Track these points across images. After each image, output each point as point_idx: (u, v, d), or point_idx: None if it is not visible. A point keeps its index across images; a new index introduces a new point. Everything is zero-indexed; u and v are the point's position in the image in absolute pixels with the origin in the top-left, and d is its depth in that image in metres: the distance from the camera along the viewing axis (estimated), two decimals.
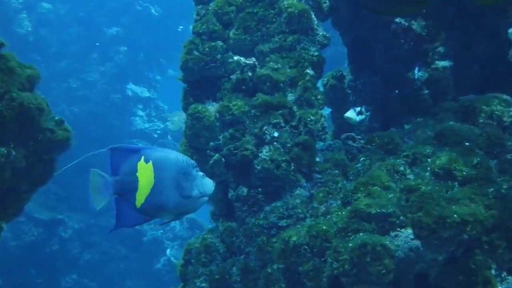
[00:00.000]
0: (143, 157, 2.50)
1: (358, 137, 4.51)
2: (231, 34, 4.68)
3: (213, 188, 2.65)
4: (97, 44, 14.19)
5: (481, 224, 3.25)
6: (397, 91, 5.01)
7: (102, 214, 12.47)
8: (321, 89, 5.34)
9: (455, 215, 3.24)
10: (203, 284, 4.22)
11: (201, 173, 2.62)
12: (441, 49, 4.79)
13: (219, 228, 4.38)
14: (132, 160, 2.50)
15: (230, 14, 4.71)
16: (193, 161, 2.61)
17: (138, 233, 12.80)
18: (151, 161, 2.50)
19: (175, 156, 2.59)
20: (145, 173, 2.48)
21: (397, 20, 4.78)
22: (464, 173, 3.59)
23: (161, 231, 13.09)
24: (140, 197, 2.48)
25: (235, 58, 4.56)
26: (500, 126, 4.08)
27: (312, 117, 4.32)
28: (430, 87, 4.83)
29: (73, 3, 14.40)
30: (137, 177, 2.48)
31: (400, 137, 4.32)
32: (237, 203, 4.27)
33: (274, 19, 4.66)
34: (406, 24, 4.77)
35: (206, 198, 2.65)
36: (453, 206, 3.31)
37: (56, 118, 3.86)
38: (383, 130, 4.76)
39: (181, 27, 16.63)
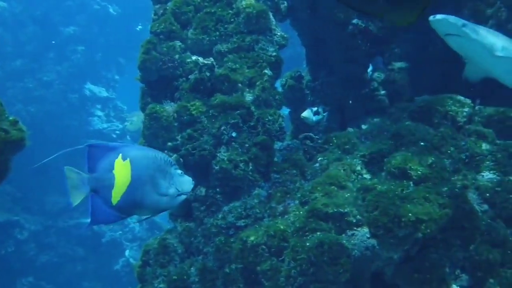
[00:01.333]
0: (120, 154, 2.51)
1: (316, 137, 4.55)
2: (189, 34, 4.67)
3: (191, 186, 2.68)
4: (53, 42, 13.97)
5: (435, 223, 3.31)
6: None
7: (60, 215, 12.31)
8: (280, 89, 5.36)
9: (410, 214, 3.29)
10: (161, 285, 4.19)
11: (179, 171, 2.65)
12: (397, 50, 4.86)
13: (178, 229, 4.36)
14: (110, 158, 2.52)
15: (188, 14, 4.69)
16: (171, 159, 2.64)
17: (96, 234, 12.67)
18: (128, 159, 2.51)
19: (153, 154, 2.61)
20: (122, 171, 2.50)
21: (354, 21, 4.83)
22: (419, 172, 3.64)
23: (120, 232, 12.97)
24: (116, 195, 2.50)
25: (193, 58, 4.54)
26: (455, 126, 4.16)
27: (270, 117, 4.33)
28: (387, 88, 4.90)
29: (29, 1, 14.15)
30: (113, 174, 2.49)
31: (357, 137, 4.36)
32: (195, 203, 4.25)
33: (232, 19, 4.66)
34: (363, 25, 4.82)
35: (184, 196, 2.68)
36: (408, 205, 3.36)
37: (11, 118, 3.78)
38: (341, 130, 4.81)
39: (139, 26, 16.52)
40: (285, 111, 5.58)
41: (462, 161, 3.92)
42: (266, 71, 4.52)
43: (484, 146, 4.01)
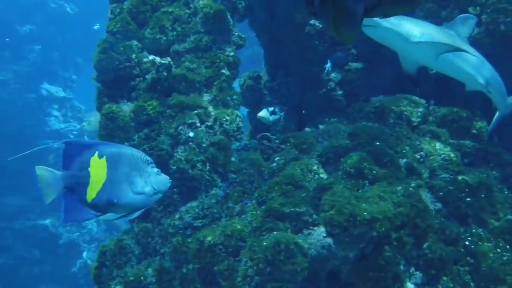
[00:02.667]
0: (97, 152, 2.51)
1: (273, 137, 4.56)
2: (146, 33, 4.64)
3: (168, 184, 2.70)
4: (7, 39, 13.73)
5: (389, 221, 3.34)
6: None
7: (16, 217, 12.11)
8: (238, 89, 5.37)
9: (365, 213, 3.31)
10: (118, 286, 4.15)
11: (156, 170, 2.66)
12: (353, 51, 4.90)
13: (134, 229, 4.33)
14: (86, 155, 2.51)
15: (145, 13, 4.67)
16: (148, 158, 2.64)
17: (54, 236, 12.49)
18: (104, 157, 2.51)
19: (130, 152, 2.61)
20: (97, 168, 2.50)
21: (312, 22, 4.85)
22: (374, 172, 3.68)
23: (77, 233, 12.81)
24: (92, 192, 2.50)
25: (150, 57, 4.52)
26: (409, 126, 4.21)
27: (227, 117, 4.34)
28: (344, 88, 4.93)
29: None
30: (89, 172, 2.49)
31: (314, 137, 4.39)
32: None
33: (189, 19, 4.65)
34: (320, 26, 4.85)
35: (160, 195, 2.68)
36: (363, 204, 3.38)
37: None
38: (299, 130, 4.83)
39: (97, 25, 16.38)
40: (243, 111, 5.59)
41: (416, 160, 3.97)
42: (223, 71, 4.52)
43: (438, 145, 4.07)
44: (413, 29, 3.95)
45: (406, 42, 3.95)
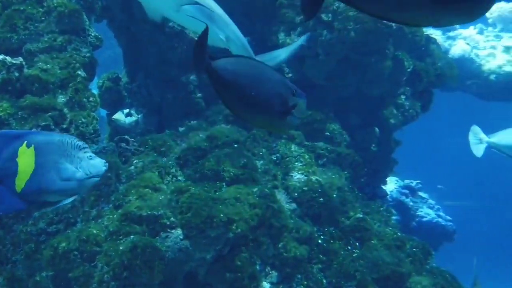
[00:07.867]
0: (25, 142, 2.46)
1: (132, 139, 4.50)
2: None
3: (103, 168, 2.63)
4: None
5: (245, 222, 3.41)
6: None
7: None
8: (96, 91, 5.26)
9: (222, 215, 3.36)
10: None
11: (88, 154, 2.59)
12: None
13: None
14: (14, 146, 2.46)
15: None
16: (80, 143, 2.58)
17: None
18: (33, 146, 2.46)
19: (59, 138, 2.55)
20: (25, 158, 2.45)
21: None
22: (232, 173, 3.74)
23: None
24: (20, 182, 2.45)
25: (0, 57, 4.32)
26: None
27: (83, 120, 4.23)
28: (203, 91, 4.96)
29: None
30: (17, 162, 2.45)
31: (173, 139, 4.38)
32: None
33: (43, 18, 4.49)
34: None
35: (96, 179, 2.63)
36: (220, 206, 3.43)
37: None
38: (158, 133, 4.80)
39: None
40: (102, 113, 5.48)
41: (273, 162, 4.08)
42: (79, 72, 4.40)
43: (294, 147, 4.20)
44: None
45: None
